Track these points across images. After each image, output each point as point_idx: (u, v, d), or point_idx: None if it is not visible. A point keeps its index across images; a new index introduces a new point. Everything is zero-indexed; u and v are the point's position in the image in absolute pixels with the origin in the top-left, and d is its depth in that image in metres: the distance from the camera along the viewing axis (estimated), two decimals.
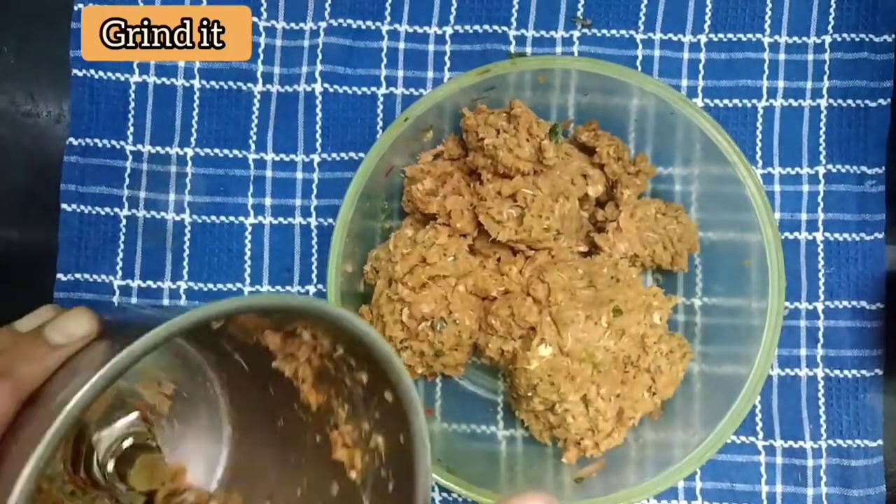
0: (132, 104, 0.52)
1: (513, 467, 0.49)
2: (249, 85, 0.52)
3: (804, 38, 0.51)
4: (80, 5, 0.52)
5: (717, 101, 0.51)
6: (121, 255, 0.52)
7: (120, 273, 0.51)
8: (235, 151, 0.52)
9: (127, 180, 0.52)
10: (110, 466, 0.39)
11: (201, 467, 0.43)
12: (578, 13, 0.52)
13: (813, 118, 0.51)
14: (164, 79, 0.52)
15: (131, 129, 0.52)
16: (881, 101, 0.51)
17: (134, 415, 0.40)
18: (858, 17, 0.51)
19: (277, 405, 0.40)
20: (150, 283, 0.52)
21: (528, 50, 0.52)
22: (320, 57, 0.52)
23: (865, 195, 0.51)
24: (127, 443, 0.40)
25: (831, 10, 0.51)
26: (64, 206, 0.51)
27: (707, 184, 0.49)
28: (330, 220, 0.51)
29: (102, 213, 0.52)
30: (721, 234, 0.49)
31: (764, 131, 0.51)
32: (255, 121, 0.52)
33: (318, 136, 0.52)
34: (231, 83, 0.52)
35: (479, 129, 0.47)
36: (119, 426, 0.40)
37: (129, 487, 0.38)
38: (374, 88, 0.52)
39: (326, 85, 0.52)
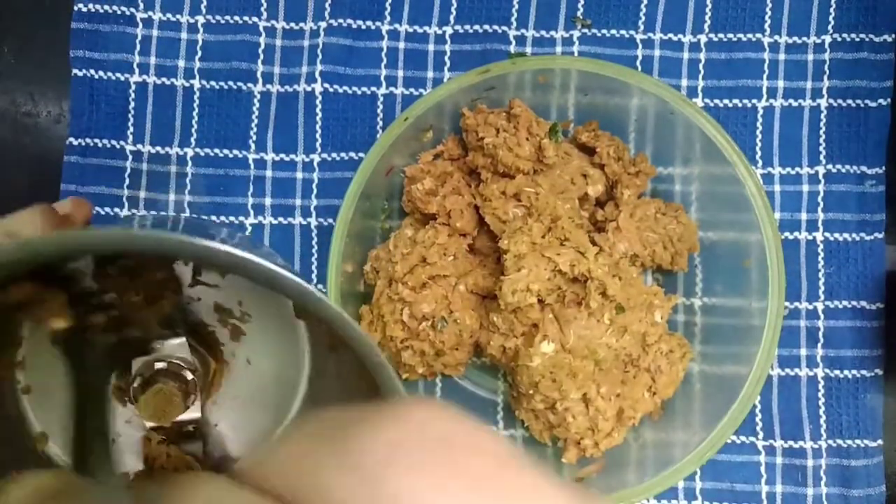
0: (132, 104, 0.52)
1: None
2: (249, 85, 0.52)
3: (804, 38, 0.51)
4: (80, 5, 0.52)
5: (717, 101, 0.51)
6: None
7: None
8: (235, 151, 0.52)
9: (127, 180, 0.52)
10: (136, 382, 0.36)
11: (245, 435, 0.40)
12: (578, 13, 0.52)
13: (813, 118, 0.51)
14: (164, 79, 0.52)
15: (131, 129, 0.52)
16: (881, 101, 0.51)
17: (180, 339, 0.38)
18: (858, 17, 0.51)
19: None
20: None
21: (528, 50, 0.52)
22: (320, 57, 0.52)
23: (865, 195, 0.51)
24: (159, 365, 0.37)
25: (831, 10, 0.51)
26: None
27: (707, 184, 0.49)
28: (330, 220, 0.51)
29: (102, 213, 0.52)
30: (721, 234, 0.49)
31: (764, 131, 0.51)
32: (255, 121, 0.52)
33: (318, 135, 0.52)
34: (231, 83, 0.52)
35: (479, 128, 0.47)
36: (161, 347, 0.37)
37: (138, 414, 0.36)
38: (374, 88, 0.52)
39: (326, 85, 0.52)
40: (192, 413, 0.38)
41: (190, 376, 0.37)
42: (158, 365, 0.37)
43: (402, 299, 0.45)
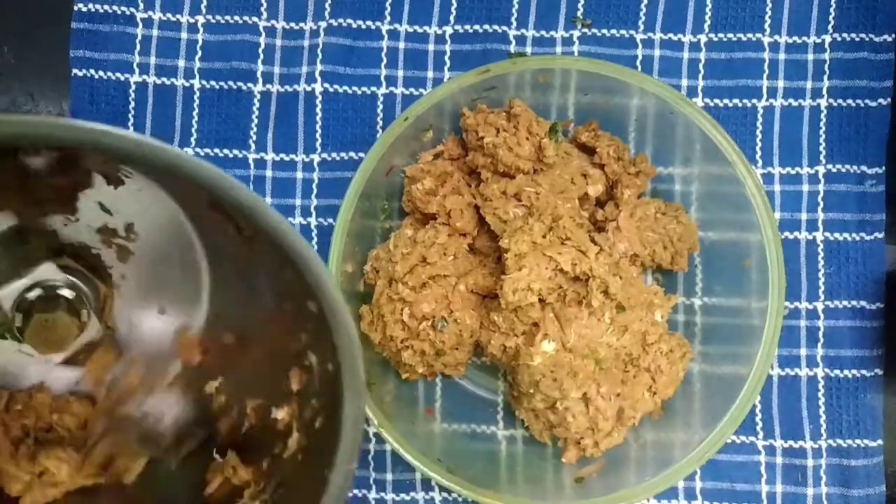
0: (132, 104, 0.52)
1: (513, 467, 0.49)
2: (249, 85, 0.52)
3: (804, 38, 0.51)
4: (80, 5, 0.52)
5: (717, 100, 0.51)
6: None
7: None
8: (235, 151, 0.52)
9: None
10: (18, 321, 0.33)
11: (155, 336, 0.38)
12: (578, 13, 0.52)
13: (813, 118, 0.51)
14: (164, 79, 0.52)
15: (131, 129, 0.52)
16: (881, 100, 0.51)
17: (45, 264, 0.35)
18: (858, 17, 0.51)
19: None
20: None
21: (528, 50, 0.52)
22: (320, 57, 0.52)
23: (865, 195, 0.51)
24: (33, 294, 0.34)
25: (831, 9, 0.51)
26: None
27: (707, 183, 0.49)
28: (330, 220, 0.51)
29: None
30: (721, 234, 0.49)
31: (764, 131, 0.51)
32: (255, 121, 0.52)
33: (318, 135, 0.52)
34: (231, 83, 0.52)
35: (479, 128, 0.47)
36: (27, 276, 0.34)
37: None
38: (374, 88, 0.52)
39: (326, 85, 0.52)
40: (91, 332, 0.36)
41: (70, 294, 0.35)
42: (31, 294, 0.34)
43: (402, 299, 0.45)
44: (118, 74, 0.52)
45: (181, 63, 0.52)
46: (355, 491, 0.51)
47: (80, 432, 0.37)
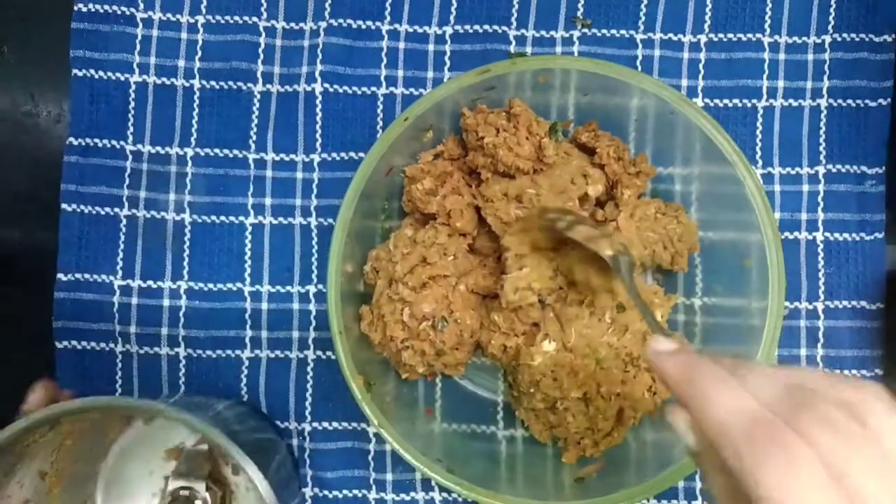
0: (132, 104, 0.52)
1: (513, 467, 0.49)
2: (249, 85, 0.52)
3: (804, 38, 0.51)
4: (80, 5, 0.52)
5: (717, 101, 0.51)
6: (121, 254, 0.52)
7: (120, 273, 0.51)
8: (235, 151, 0.52)
9: (127, 180, 0.52)
10: None
11: None
12: (578, 13, 0.52)
13: (813, 118, 0.51)
14: (164, 79, 0.52)
15: (131, 129, 0.52)
16: (881, 101, 0.51)
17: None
18: (858, 17, 0.51)
19: None
20: (150, 283, 0.52)
21: (528, 50, 0.52)
22: (320, 57, 0.52)
23: (865, 195, 0.51)
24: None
25: (831, 10, 0.51)
26: (64, 206, 0.51)
27: (707, 184, 0.49)
28: (330, 220, 0.51)
29: (102, 212, 0.52)
30: (721, 234, 0.49)
31: (764, 131, 0.51)
32: (255, 121, 0.52)
33: (318, 135, 0.52)
34: (231, 83, 0.52)
35: (479, 128, 0.47)
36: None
37: None
38: (374, 88, 0.52)
39: (326, 85, 0.52)
40: None
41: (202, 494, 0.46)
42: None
43: (402, 299, 0.45)
44: (118, 74, 0.52)
45: (181, 63, 0.52)
46: (355, 491, 0.51)
47: None
